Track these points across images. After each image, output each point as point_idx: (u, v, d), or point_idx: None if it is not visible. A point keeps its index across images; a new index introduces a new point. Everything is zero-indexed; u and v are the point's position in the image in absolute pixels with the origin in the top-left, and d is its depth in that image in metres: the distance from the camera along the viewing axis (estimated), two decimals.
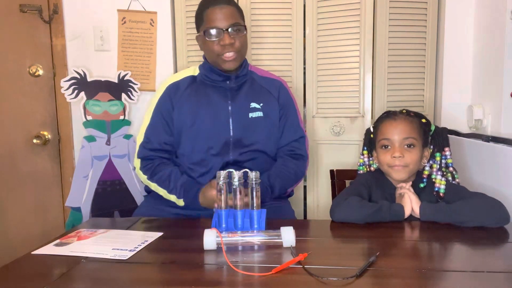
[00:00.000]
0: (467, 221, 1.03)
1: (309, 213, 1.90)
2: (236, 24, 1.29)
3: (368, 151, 1.30)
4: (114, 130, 1.80)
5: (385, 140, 1.18)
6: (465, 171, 1.51)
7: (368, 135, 1.30)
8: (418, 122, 1.20)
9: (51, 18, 1.81)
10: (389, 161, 1.17)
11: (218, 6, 1.28)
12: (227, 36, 1.28)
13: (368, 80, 1.78)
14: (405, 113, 1.21)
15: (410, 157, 1.16)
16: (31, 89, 1.84)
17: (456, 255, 0.92)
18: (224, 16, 1.28)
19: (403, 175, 1.17)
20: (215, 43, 1.30)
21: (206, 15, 1.30)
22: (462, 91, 1.75)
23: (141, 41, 1.84)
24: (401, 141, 1.16)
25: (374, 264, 0.81)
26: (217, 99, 1.37)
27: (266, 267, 0.81)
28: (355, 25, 1.77)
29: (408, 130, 1.17)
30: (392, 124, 1.19)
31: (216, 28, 1.28)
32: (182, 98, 1.38)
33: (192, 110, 1.36)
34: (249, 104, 1.38)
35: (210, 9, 1.29)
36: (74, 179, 1.77)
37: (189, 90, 1.39)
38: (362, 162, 1.31)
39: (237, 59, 1.33)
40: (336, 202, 1.12)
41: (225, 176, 1.04)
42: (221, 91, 1.38)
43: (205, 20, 1.30)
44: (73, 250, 0.93)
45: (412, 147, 1.17)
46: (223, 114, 1.36)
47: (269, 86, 1.45)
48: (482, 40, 1.65)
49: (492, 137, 1.40)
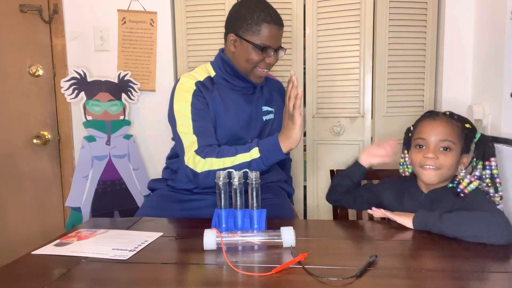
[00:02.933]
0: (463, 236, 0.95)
1: (309, 213, 1.90)
2: (281, 48, 1.34)
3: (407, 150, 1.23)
4: (114, 130, 1.80)
5: (420, 140, 1.12)
6: None
7: (407, 134, 1.24)
8: (461, 126, 1.12)
9: (51, 18, 1.81)
10: (421, 161, 1.10)
11: (278, 26, 1.31)
12: (274, 57, 1.33)
13: (368, 80, 1.78)
14: (448, 115, 1.14)
15: (445, 160, 1.08)
16: (31, 89, 1.85)
17: (456, 255, 0.91)
18: (279, 37, 1.33)
19: (434, 178, 1.09)
20: (260, 58, 1.31)
21: (265, 29, 1.29)
22: (462, 91, 1.75)
23: (141, 41, 1.84)
24: (437, 142, 1.09)
25: (374, 264, 0.81)
26: (240, 101, 1.37)
27: (266, 267, 0.81)
28: (355, 25, 1.77)
29: (447, 132, 1.09)
30: (431, 124, 1.12)
31: (272, 48, 1.31)
32: (213, 97, 1.33)
33: (217, 112, 1.34)
34: (262, 107, 1.42)
35: (272, 25, 1.30)
36: (74, 179, 1.77)
37: (217, 90, 1.35)
38: (402, 161, 1.24)
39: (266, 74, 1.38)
40: None
41: (225, 176, 1.04)
42: (241, 94, 1.39)
43: (262, 33, 1.29)
44: (73, 250, 0.93)
45: (448, 151, 1.09)
46: (243, 117, 1.37)
47: (274, 87, 1.49)
48: (482, 40, 1.65)
49: (492, 137, 1.40)
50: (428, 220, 1.00)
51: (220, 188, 1.03)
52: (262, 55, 1.30)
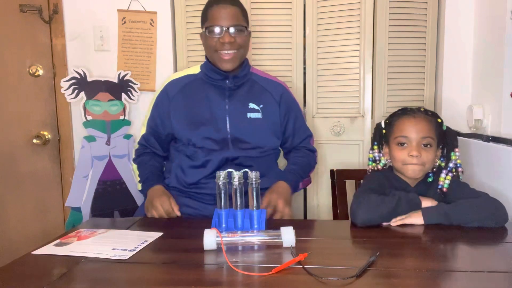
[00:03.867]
0: (468, 222, 1.03)
1: (309, 213, 1.90)
2: (238, 25, 1.32)
3: (378, 146, 1.27)
4: (114, 130, 1.80)
5: (402, 138, 1.16)
6: (465, 171, 1.51)
7: (379, 130, 1.27)
8: (435, 121, 1.18)
9: (51, 18, 1.81)
10: (405, 159, 1.15)
11: (222, 5, 1.32)
12: (227, 35, 1.31)
13: (368, 80, 1.78)
14: (424, 112, 1.19)
15: (427, 156, 1.14)
16: (31, 89, 1.84)
17: (456, 255, 0.92)
18: (227, 15, 1.31)
19: (418, 173, 1.15)
20: (214, 40, 1.33)
21: (210, 13, 1.33)
22: (462, 91, 1.75)
23: (141, 41, 1.84)
24: (419, 140, 1.14)
25: (374, 264, 0.81)
26: (214, 96, 1.40)
27: (266, 267, 0.81)
28: (355, 25, 1.77)
29: (427, 129, 1.15)
30: (412, 121, 1.16)
31: (218, 26, 1.31)
32: (179, 95, 1.41)
33: (189, 106, 1.39)
34: (247, 104, 1.40)
35: (214, 7, 1.33)
36: (74, 179, 1.77)
37: (188, 87, 1.42)
38: (371, 157, 1.27)
39: (235, 59, 1.35)
40: (356, 203, 1.08)
41: (225, 176, 1.04)
42: (219, 89, 1.41)
43: (209, 18, 1.34)
44: (73, 250, 0.93)
45: (429, 147, 1.15)
46: (219, 112, 1.39)
47: (271, 88, 1.46)
48: (482, 40, 1.65)
49: (492, 137, 1.40)
50: (438, 213, 1.05)
51: (220, 188, 1.03)
52: (214, 36, 1.32)
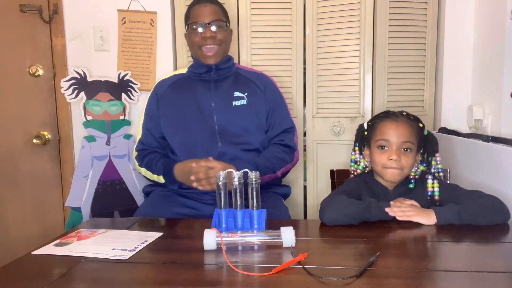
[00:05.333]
0: (479, 220, 1.03)
1: (309, 213, 1.90)
2: (218, 20, 1.41)
3: (359, 147, 1.27)
4: (114, 130, 1.80)
5: (383, 141, 1.16)
6: (465, 171, 1.51)
7: (361, 132, 1.27)
8: (416, 126, 1.19)
9: (51, 18, 1.81)
10: (385, 163, 1.15)
11: (202, 4, 1.42)
12: (209, 30, 1.40)
13: (368, 80, 1.78)
14: (406, 116, 1.19)
15: (406, 161, 1.14)
16: (31, 89, 1.84)
17: (455, 255, 0.92)
18: (207, 13, 1.41)
19: (397, 177, 1.16)
20: (197, 36, 1.41)
21: (192, 12, 1.44)
22: (462, 91, 1.75)
23: (141, 41, 1.84)
24: (400, 144, 1.15)
25: (374, 264, 0.81)
26: (200, 90, 1.46)
27: (266, 267, 0.81)
28: (355, 25, 1.77)
29: (408, 134, 1.15)
30: (393, 125, 1.16)
31: (199, 22, 1.40)
32: (167, 92, 1.48)
33: (177, 103, 1.45)
34: (232, 93, 1.45)
35: (195, 6, 1.43)
36: (74, 179, 1.77)
37: (175, 84, 1.50)
38: (353, 158, 1.28)
39: (217, 55, 1.43)
40: (324, 204, 1.10)
41: (225, 176, 1.04)
42: (204, 83, 1.47)
43: (191, 16, 1.44)
44: (73, 250, 0.93)
45: (408, 151, 1.15)
46: (206, 105, 1.44)
47: (255, 78, 1.51)
48: (482, 40, 1.65)
49: (492, 137, 1.40)
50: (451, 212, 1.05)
51: (220, 188, 1.03)
52: (196, 32, 1.41)
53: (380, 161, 1.17)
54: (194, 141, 1.40)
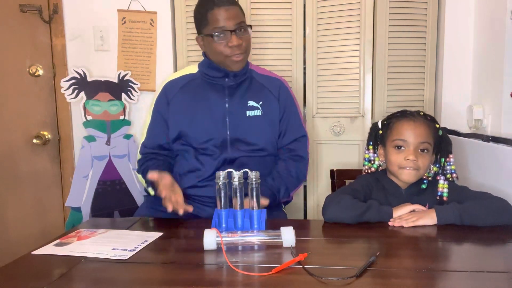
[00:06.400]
0: (481, 221, 1.02)
1: (309, 213, 1.90)
2: (241, 24, 1.30)
3: (373, 146, 1.26)
4: (114, 130, 1.80)
5: (400, 141, 1.14)
6: (465, 171, 1.51)
7: (375, 130, 1.25)
8: (433, 127, 1.17)
9: (51, 18, 1.81)
10: (401, 163, 1.14)
11: (223, 7, 1.27)
12: (235, 38, 1.28)
13: (368, 80, 1.78)
14: (423, 116, 1.18)
15: (423, 162, 1.13)
16: (31, 89, 1.84)
17: (456, 255, 0.92)
18: (230, 16, 1.27)
19: (413, 178, 1.15)
20: (223, 45, 1.29)
21: (211, 16, 1.28)
22: (462, 91, 1.75)
23: (141, 41, 1.84)
24: (417, 144, 1.13)
25: (374, 264, 0.81)
26: (214, 96, 1.38)
27: (266, 267, 0.81)
28: (355, 25, 1.77)
29: (425, 134, 1.14)
30: (411, 125, 1.15)
31: (224, 30, 1.27)
32: (178, 96, 1.39)
33: (188, 107, 1.37)
34: (246, 102, 1.38)
35: (216, 10, 1.27)
36: (74, 179, 1.77)
37: (186, 87, 1.41)
38: (367, 157, 1.26)
39: (244, 59, 1.34)
40: (328, 200, 1.10)
41: (224, 176, 1.04)
42: (219, 88, 1.39)
43: (210, 21, 1.29)
44: (73, 250, 0.93)
45: (425, 152, 1.14)
46: (219, 112, 1.37)
47: (269, 84, 1.44)
48: (482, 40, 1.65)
49: (492, 137, 1.40)
50: (452, 213, 1.04)
51: (220, 188, 1.03)
52: (221, 41, 1.28)
53: (396, 161, 1.15)
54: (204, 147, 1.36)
